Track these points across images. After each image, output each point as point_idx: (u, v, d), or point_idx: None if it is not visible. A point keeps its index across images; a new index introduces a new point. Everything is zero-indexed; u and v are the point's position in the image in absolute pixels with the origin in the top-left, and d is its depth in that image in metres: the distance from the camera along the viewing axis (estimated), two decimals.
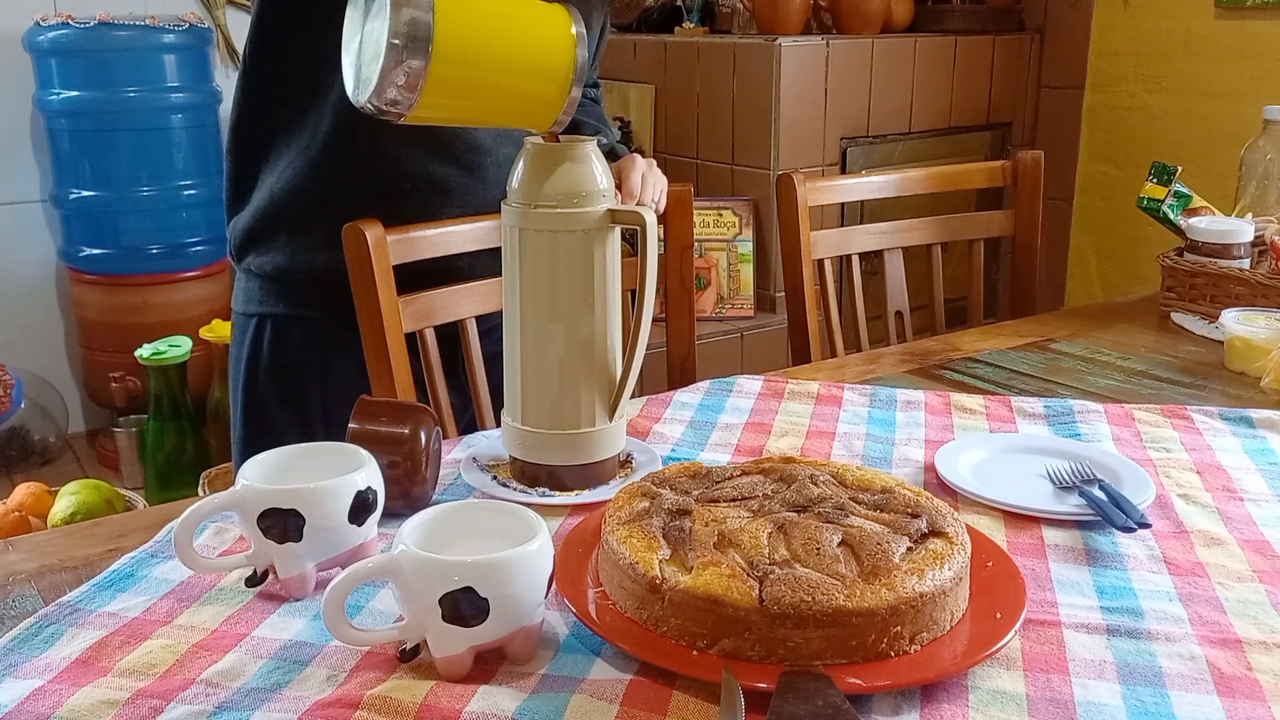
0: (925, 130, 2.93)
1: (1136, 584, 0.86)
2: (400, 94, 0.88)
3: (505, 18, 0.93)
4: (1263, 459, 1.10)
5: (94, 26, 2.89)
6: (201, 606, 0.83)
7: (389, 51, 0.85)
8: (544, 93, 0.93)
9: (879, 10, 2.84)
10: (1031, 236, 1.79)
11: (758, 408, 1.24)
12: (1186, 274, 1.59)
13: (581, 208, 0.97)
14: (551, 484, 1.02)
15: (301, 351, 1.38)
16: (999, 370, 1.40)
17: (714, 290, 2.78)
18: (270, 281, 1.38)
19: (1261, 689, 0.73)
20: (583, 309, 0.99)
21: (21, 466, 3.05)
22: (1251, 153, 1.75)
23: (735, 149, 2.77)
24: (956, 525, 0.82)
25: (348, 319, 1.29)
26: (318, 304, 1.36)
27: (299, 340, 1.38)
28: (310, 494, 0.82)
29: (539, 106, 0.94)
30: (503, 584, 0.72)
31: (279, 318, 1.38)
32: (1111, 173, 3.04)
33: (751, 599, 0.73)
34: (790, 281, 1.64)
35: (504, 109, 0.97)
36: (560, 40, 0.93)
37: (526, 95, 0.94)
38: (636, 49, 2.97)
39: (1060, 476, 1.02)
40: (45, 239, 3.19)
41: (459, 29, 0.88)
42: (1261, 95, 2.47)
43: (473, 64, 0.90)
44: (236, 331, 1.43)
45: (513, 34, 0.92)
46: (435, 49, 0.86)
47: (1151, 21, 2.89)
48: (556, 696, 0.71)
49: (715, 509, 0.84)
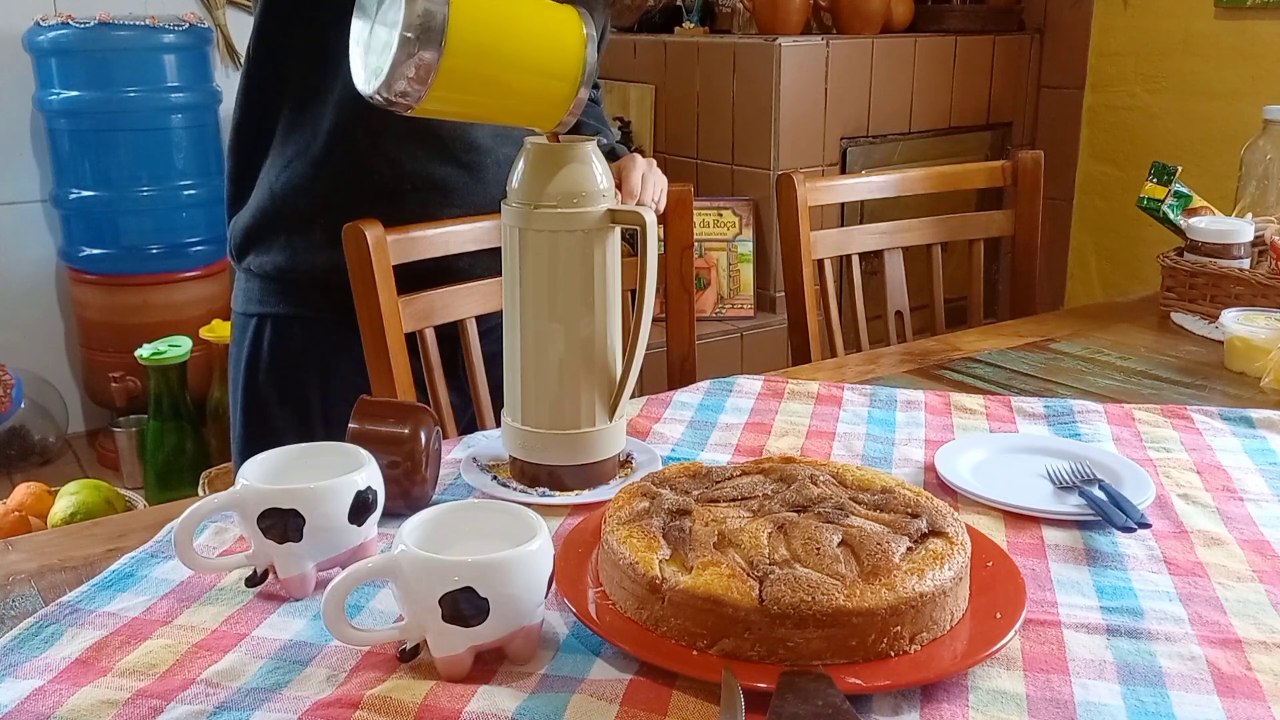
0: (925, 130, 2.93)
1: (1136, 584, 0.86)
2: (410, 86, 0.88)
3: (518, 16, 0.93)
4: (1263, 459, 1.10)
5: (94, 26, 2.89)
6: (201, 606, 0.83)
7: (401, 43, 0.85)
8: (553, 93, 0.93)
9: (879, 10, 2.84)
10: (1031, 236, 1.79)
11: (758, 408, 1.24)
12: (1186, 274, 1.59)
13: (581, 208, 0.97)
14: (551, 484, 1.02)
15: (301, 352, 1.38)
16: (999, 370, 1.40)
17: (714, 290, 2.78)
18: (270, 281, 1.38)
19: (1261, 689, 0.73)
20: (583, 309, 0.99)
21: (21, 466, 3.05)
22: (1251, 153, 1.75)
23: (735, 149, 2.77)
24: (956, 525, 0.82)
25: (348, 319, 1.29)
26: (318, 304, 1.36)
27: (299, 340, 1.38)
28: (310, 494, 0.82)
29: (547, 106, 0.94)
30: (503, 584, 0.72)
31: (279, 317, 1.38)
32: (1111, 173, 3.04)
33: (751, 599, 0.73)
34: (790, 281, 1.64)
35: (512, 106, 0.97)
36: (571, 41, 0.93)
37: (535, 94, 0.94)
38: (636, 49, 2.97)
39: (1060, 476, 1.02)
40: (45, 239, 3.19)
41: (472, 24, 0.88)
42: (1261, 95, 2.47)
43: (484, 59, 0.90)
44: (236, 331, 1.43)
45: (525, 32, 0.92)
46: (448, 42, 0.86)
47: (1151, 21, 2.89)
48: (556, 696, 0.71)
49: (715, 509, 0.84)
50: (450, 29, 0.86)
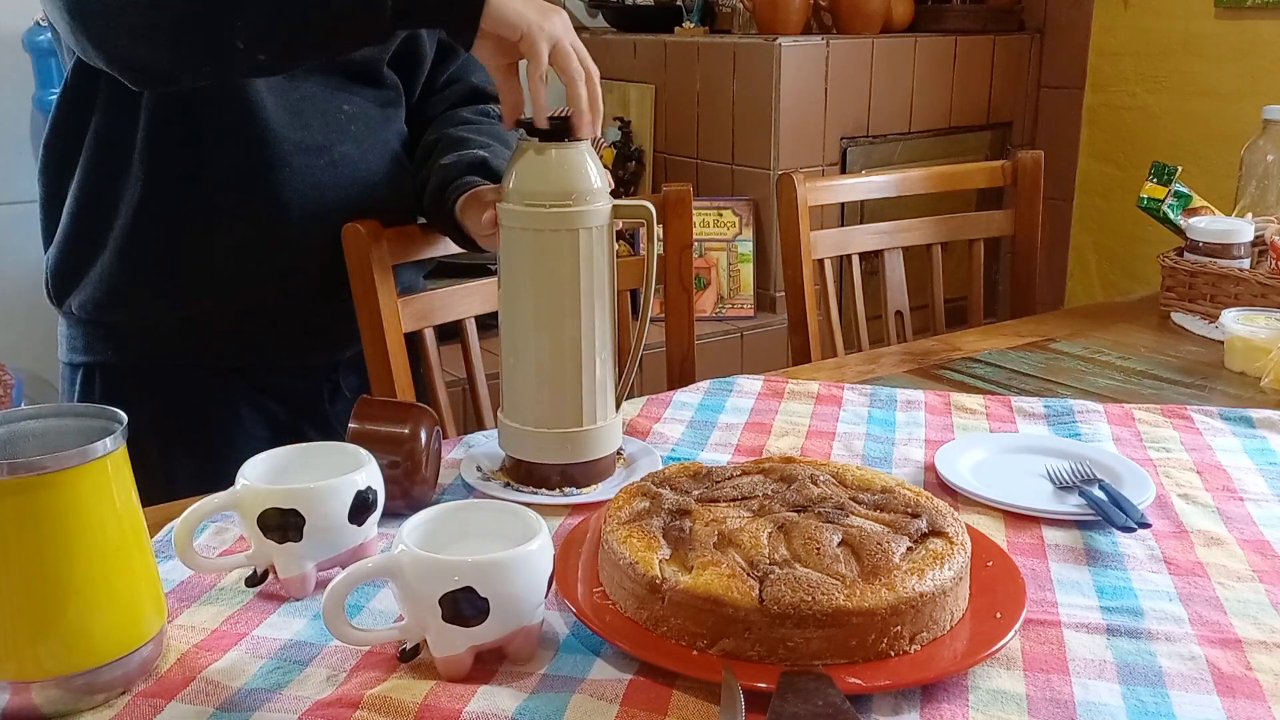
0: (925, 130, 2.93)
1: (1136, 584, 0.86)
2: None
3: None
4: (1263, 459, 1.10)
5: None
6: (201, 606, 0.83)
7: None
8: None
9: (879, 10, 2.84)
10: (1031, 236, 1.79)
11: (758, 407, 1.24)
12: (1186, 274, 1.59)
13: (575, 206, 0.97)
14: (550, 483, 1.02)
15: (138, 404, 1.21)
16: (999, 370, 1.40)
17: (714, 290, 2.78)
18: (95, 327, 1.24)
19: (1261, 689, 0.73)
20: (577, 307, 0.99)
21: None
22: (1251, 153, 1.75)
23: (735, 149, 2.77)
24: (956, 525, 0.82)
25: (193, 362, 1.21)
26: (150, 349, 1.24)
27: (134, 392, 1.23)
28: (310, 494, 0.82)
29: None
30: (503, 584, 0.72)
31: (108, 367, 1.25)
32: (1111, 173, 3.04)
33: (751, 599, 0.73)
34: (790, 281, 1.64)
35: None
36: None
37: None
38: (636, 49, 2.97)
39: (1060, 476, 1.02)
40: None
41: None
42: (1261, 95, 2.47)
43: None
44: (64, 384, 1.29)
45: None
46: None
47: (1151, 21, 2.89)
48: (556, 696, 0.71)
49: (715, 509, 0.84)
50: None
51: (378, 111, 1.27)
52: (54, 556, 0.68)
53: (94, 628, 0.70)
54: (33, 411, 0.73)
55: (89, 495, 0.69)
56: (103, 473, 0.69)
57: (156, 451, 1.20)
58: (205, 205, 1.19)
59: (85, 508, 0.69)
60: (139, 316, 1.23)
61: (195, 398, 1.25)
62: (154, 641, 0.74)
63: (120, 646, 0.71)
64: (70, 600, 0.69)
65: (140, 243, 1.19)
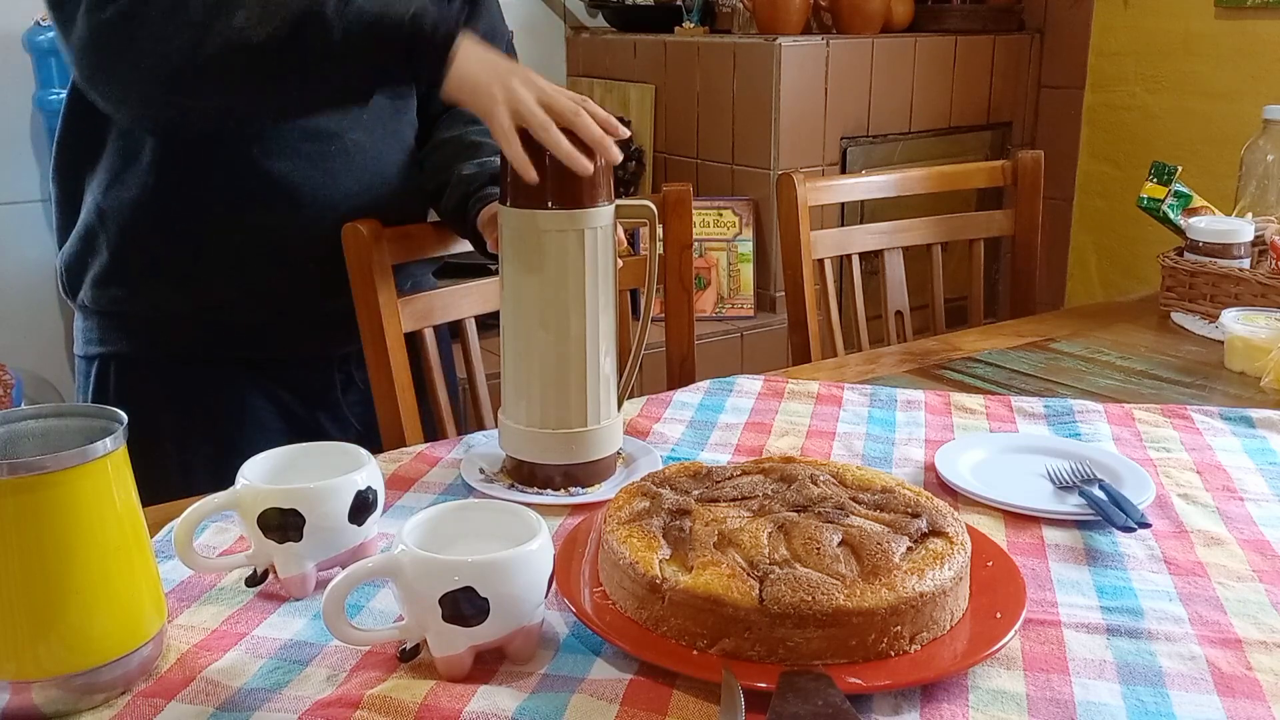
0: (925, 130, 2.93)
1: (1136, 584, 0.86)
2: None
3: None
4: (1263, 459, 1.10)
5: None
6: (201, 606, 0.83)
7: None
8: None
9: (879, 10, 2.84)
10: (1031, 236, 1.79)
11: (758, 407, 1.24)
12: (1186, 274, 1.59)
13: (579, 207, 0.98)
14: (553, 483, 1.02)
15: (153, 397, 1.25)
16: (999, 370, 1.40)
17: (714, 290, 2.78)
18: (108, 318, 1.25)
19: (1261, 689, 0.73)
20: (581, 307, 0.99)
21: None
22: (1251, 153, 1.75)
23: (735, 149, 2.77)
24: (956, 525, 0.82)
25: (205, 356, 1.22)
26: (165, 341, 1.25)
27: (149, 384, 1.25)
28: (310, 494, 0.82)
29: None
30: (503, 584, 0.72)
31: (123, 358, 1.26)
32: (1111, 173, 3.04)
33: (752, 599, 0.73)
34: (790, 281, 1.64)
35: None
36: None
37: None
38: (636, 49, 2.97)
39: (1060, 476, 1.02)
40: (45, 239, 3.18)
41: None
42: (1261, 95, 2.47)
43: None
44: (79, 378, 1.30)
45: None
46: None
47: (1151, 21, 2.89)
48: (556, 696, 0.71)
49: (715, 509, 0.84)
50: None
51: (388, 102, 1.29)
52: (54, 556, 0.68)
53: (94, 628, 0.70)
54: (33, 411, 0.73)
55: (89, 495, 0.69)
56: (103, 473, 0.70)
57: (171, 443, 1.22)
58: (217, 194, 1.20)
59: (85, 508, 0.69)
60: (151, 306, 1.24)
61: (208, 388, 1.26)
62: (154, 641, 0.74)
63: (120, 646, 0.71)
64: (70, 600, 0.69)
65: (152, 232, 1.20)
